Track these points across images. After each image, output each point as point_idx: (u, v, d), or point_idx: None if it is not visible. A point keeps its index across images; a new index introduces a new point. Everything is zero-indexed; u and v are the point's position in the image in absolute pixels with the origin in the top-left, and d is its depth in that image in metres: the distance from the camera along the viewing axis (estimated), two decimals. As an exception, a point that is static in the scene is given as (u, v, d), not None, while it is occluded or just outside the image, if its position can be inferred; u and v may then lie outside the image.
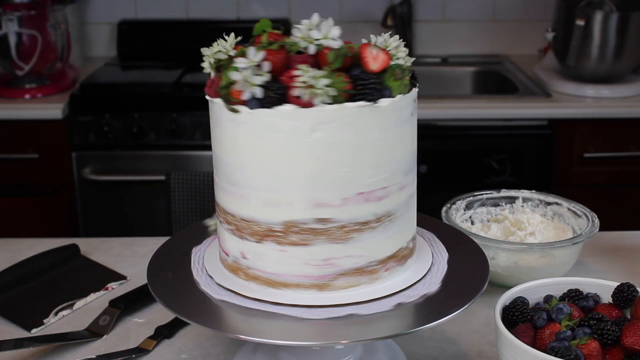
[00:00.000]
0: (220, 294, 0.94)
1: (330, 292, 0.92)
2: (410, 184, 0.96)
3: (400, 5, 2.90)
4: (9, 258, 1.36)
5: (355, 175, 0.88)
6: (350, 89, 0.86)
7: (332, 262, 0.91)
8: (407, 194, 0.95)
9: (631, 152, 2.43)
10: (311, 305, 0.90)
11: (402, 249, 0.96)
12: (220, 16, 2.98)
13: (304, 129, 0.86)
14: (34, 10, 2.50)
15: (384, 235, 0.93)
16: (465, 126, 2.43)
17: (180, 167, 2.46)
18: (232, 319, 0.90)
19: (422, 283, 0.96)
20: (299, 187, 0.88)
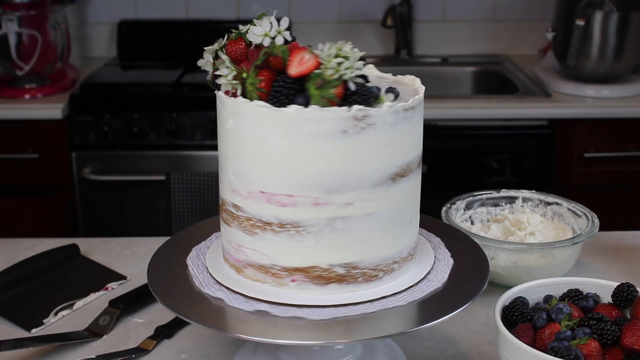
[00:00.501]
0: (220, 294, 0.94)
1: (330, 292, 0.92)
2: (339, 208, 0.89)
3: (400, 5, 2.90)
4: (9, 258, 1.36)
5: (257, 172, 0.90)
6: (264, 88, 0.87)
7: (242, 250, 0.95)
8: (329, 214, 0.89)
9: (631, 152, 2.43)
10: (311, 305, 0.90)
11: (318, 268, 0.91)
12: (220, 16, 2.98)
13: (224, 117, 0.93)
14: (34, 10, 2.50)
15: (290, 244, 0.91)
16: (465, 126, 2.43)
17: (180, 167, 2.46)
18: (232, 319, 0.90)
19: (423, 283, 0.96)
20: (224, 170, 0.96)
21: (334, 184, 0.88)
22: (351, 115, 0.86)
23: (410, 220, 0.97)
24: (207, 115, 2.42)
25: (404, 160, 0.92)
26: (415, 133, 0.94)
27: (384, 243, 0.93)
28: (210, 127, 2.43)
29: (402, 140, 0.91)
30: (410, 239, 0.98)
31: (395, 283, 0.95)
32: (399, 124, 0.90)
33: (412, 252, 0.98)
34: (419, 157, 0.96)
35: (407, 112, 0.90)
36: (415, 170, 0.95)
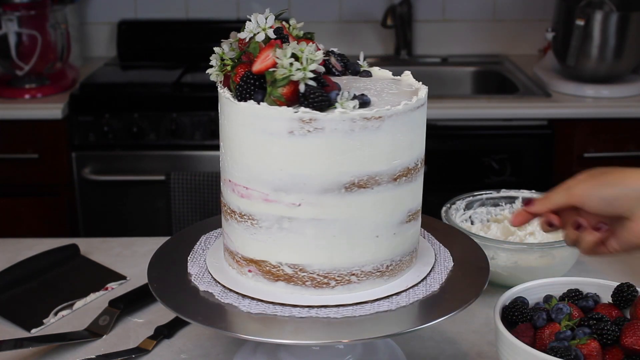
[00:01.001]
0: (221, 294, 0.94)
1: (330, 292, 0.92)
2: (287, 207, 0.89)
3: (400, 5, 2.90)
4: (9, 258, 1.36)
5: (226, 161, 0.94)
6: (236, 82, 0.90)
7: (224, 234, 1.00)
8: (277, 212, 0.90)
9: (631, 152, 2.43)
10: (311, 306, 0.90)
11: (268, 264, 0.92)
12: (220, 16, 2.97)
13: None
14: (34, 10, 2.49)
15: (247, 235, 0.93)
16: (465, 126, 2.43)
17: (180, 167, 2.46)
18: (232, 319, 0.90)
19: (423, 283, 0.96)
20: None
21: (281, 182, 0.89)
22: (297, 117, 0.85)
23: (377, 235, 0.92)
24: (207, 115, 2.42)
25: (363, 170, 0.88)
26: (385, 144, 0.88)
27: (335, 252, 0.91)
28: (210, 127, 2.43)
29: (362, 150, 0.87)
30: (377, 254, 0.93)
31: (396, 283, 0.95)
32: (357, 132, 0.86)
33: (382, 268, 0.94)
34: (394, 170, 0.90)
35: (368, 121, 0.86)
36: (387, 184, 0.90)
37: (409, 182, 0.93)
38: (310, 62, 0.85)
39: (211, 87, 0.98)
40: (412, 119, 0.91)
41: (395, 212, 0.93)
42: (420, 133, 0.94)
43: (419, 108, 0.92)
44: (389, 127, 0.88)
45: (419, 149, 0.94)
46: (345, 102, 0.86)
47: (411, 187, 0.94)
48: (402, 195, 0.93)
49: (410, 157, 0.92)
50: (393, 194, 0.91)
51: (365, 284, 0.93)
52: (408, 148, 0.92)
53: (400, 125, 0.89)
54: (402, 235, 0.95)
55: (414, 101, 0.90)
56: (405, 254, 0.97)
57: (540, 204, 0.96)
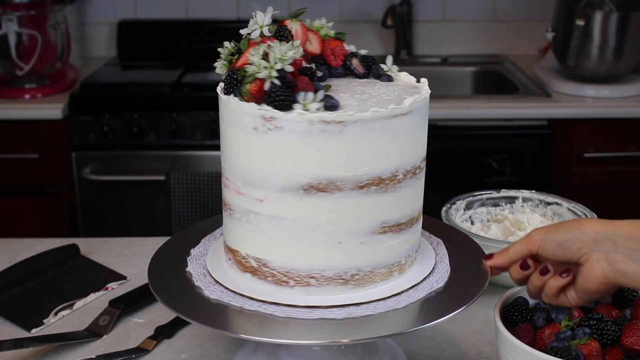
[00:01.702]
0: (221, 294, 0.94)
1: (247, 281, 0.93)
2: (253, 202, 0.91)
3: (400, 5, 2.90)
4: (9, 258, 1.36)
5: (222, 150, 0.97)
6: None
7: None
8: (245, 205, 0.91)
9: (631, 152, 2.43)
10: (312, 306, 0.90)
11: (239, 254, 0.94)
12: (220, 16, 2.97)
13: None
14: (34, 10, 2.50)
15: (227, 223, 0.97)
16: (465, 126, 2.43)
17: (180, 167, 2.46)
18: (232, 319, 0.90)
19: (423, 283, 0.96)
20: None
21: (248, 177, 0.91)
22: (260, 114, 0.87)
23: (340, 241, 0.90)
24: (207, 115, 2.42)
25: (323, 175, 0.87)
26: (348, 150, 0.86)
27: (294, 252, 0.91)
28: (210, 127, 2.43)
29: (321, 153, 0.86)
30: (339, 261, 0.91)
31: (396, 283, 0.95)
32: (316, 135, 0.85)
33: (345, 276, 0.92)
34: (359, 178, 0.88)
35: (327, 125, 0.85)
36: (350, 190, 0.88)
37: (382, 192, 0.90)
38: (278, 62, 0.86)
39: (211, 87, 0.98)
40: (385, 127, 0.87)
41: (361, 220, 0.90)
42: (402, 143, 0.90)
43: (398, 117, 0.88)
44: (353, 133, 0.86)
45: (399, 159, 0.90)
46: (309, 103, 0.86)
47: (387, 198, 0.91)
48: (372, 204, 0.90)
49: (384, 167, 0.89)
50: (359, 201, 0.89)
51: (326, 289, 0.92)
52: (381, 157, 0.88)
53: (368, 132, 0.87)
54: (373, 246, 0.92)
55: (388, 109, 0.87)
56: (380, 265, 0.93)
57: (501, 256, 0.95)
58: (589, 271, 0.87)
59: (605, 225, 0.87)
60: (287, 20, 0.98)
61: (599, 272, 0.86)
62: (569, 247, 0.88)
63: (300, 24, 0.98)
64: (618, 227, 0.87)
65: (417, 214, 0.98)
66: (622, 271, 0.85)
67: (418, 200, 0.97)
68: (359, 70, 1.00)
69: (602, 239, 0.86)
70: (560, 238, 0.89)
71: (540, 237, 0.91)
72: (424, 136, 0.96)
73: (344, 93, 0.94)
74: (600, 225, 0.87)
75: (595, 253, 0.86)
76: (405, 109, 0.89)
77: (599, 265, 0.86)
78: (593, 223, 0.88)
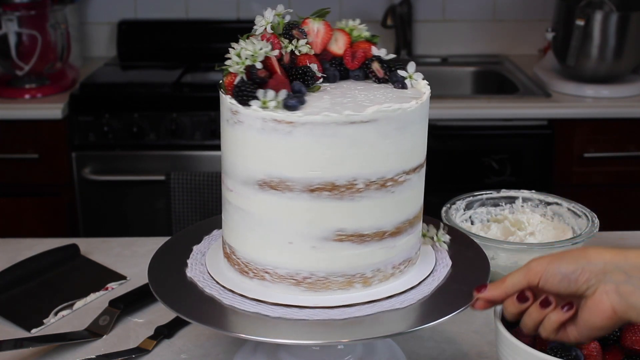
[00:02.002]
0: (221, 294, 0.94)
1: (330, 292, 0.92)
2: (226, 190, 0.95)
3: (400, 5, 2.90)
4: (9, 258, 1.36)
5: None
6: None
7: None
8: (224, 193, 0.96)
9: (631, 152, 2.43)
10: (312, 306, 0.90)
11: (226, 242, 0.98)
12: (220, 16, 2.97)
13: None
14: (34, 10, 2.50)
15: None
16: (465, 126, 2.43)
17: (180, 167, 2.46)
18: (232, 319, 0.90)
19: (424, 283, 0.96)
20: None
21: (225, 166, 0.95)
22: (228, 106, 0.90)
23: (290, 242, 0.90)
24: (207, 115, 2.42)
25: (273, 172, 0.88)
26: (296, 152, 0.86)
27: (251, 245, 0.93)
28: (210, 127, 2.43)
29: (272, 151, 0.87)
30: (290, 261, 0.91)
31: (396, 284, 0.95)
32: (268, 133, 0.86)
33: (296, 277, 0.91)
34: (309, 181, 0.87)
35: (278, 124, 0.86)
36: (301, 192, 0.87)
37: (338, 200, 0.88)
38: (250, 58, 0.90)
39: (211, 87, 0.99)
40: (339, 133, 0.86)
41: (313, 225, 0.89)
42: (362, 152, 0.87)
43: (357, 124, 0.86)
44: (303, 135, 0.86)
45: (358, 168, 0.88)
46: (269, 101, 0.87)
47: (343, 206, 0.88)
48: (324, 210, 0.88)
49: (337, 174, 0.87)
50: (309, 205, 0.88)
51: (277, 287, 0.92)
52: (334, 163, 0.87)
53: (318, 136, 0.86)
54: (327, 252, 0.90)
55: (342, 115, 0.85)
56: (336, 274, 0.91)
57: (496, 288, 0.86)
58: (595, 305, 0.79)
59: (615, 254, 0.80)
60: (308, 19, 0.98)
61: (607, 306, 0.78)
62: (575, 279, 0.80)
63: (324, 23, 0.98)
64: (630, 257, 0.79)
65: (392, 227, 0.92)
66: (634, 305, 0.77)
67: (392, 213, 0.92)
68: (378, 75, 0.98)
69: (613, 269, 0.79)
70: (565, 269, 0.81)
71: (542, 268, 0.83)
72: (400, 148, 0.90)
73: (332, 96, 0.92)
74: (610, 254, 0.80)
75: (604, 285, 0.79)
76: (365, 117, 0.86)
77: (608, 298, 0.78)
78: (601, 252, 0.81)
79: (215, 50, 0.99)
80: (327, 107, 0.87)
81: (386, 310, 0.90)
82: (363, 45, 1.00)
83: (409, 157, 0.92)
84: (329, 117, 0.85)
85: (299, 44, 0.96)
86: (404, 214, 0.93)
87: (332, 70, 0.98)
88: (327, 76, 0.98)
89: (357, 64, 0.99)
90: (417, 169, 0.93)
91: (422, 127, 0.94)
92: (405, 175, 0.92)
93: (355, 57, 0.99)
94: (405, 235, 0.95)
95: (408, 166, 0.92)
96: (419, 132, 0.93)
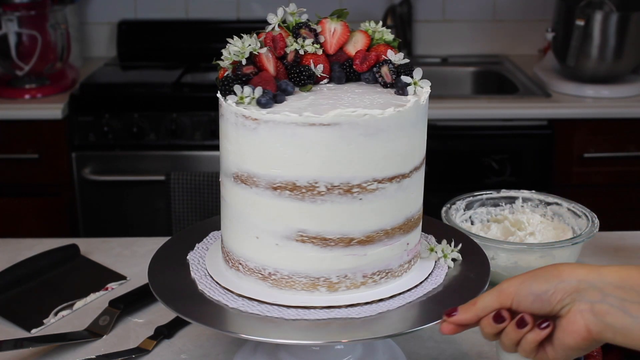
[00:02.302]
0: (221, 294, 0.94)
1: (330, 292, 0.92)
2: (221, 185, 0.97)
3: (400, 5, 2.90)
4: (9, 258, 1.36)
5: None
6: None
7: None
8: None
9: (631, 152, 2.43)
10: (312, 306, 0.90)
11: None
12: (220, 16, 2.97)
13: None
14: (34, 10, 2.50)
15: None
16: (465, 126, 2.43)
17: (180, 167, 2.46)
18: (232, 319, 0.90)
19: (424, 283, 0.96)
20: None
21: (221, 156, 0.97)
22: (221, 101, 0.93)
23: (257, 236, 0.92)
24: (207, 115, 2.42)
25: (242, 167, 0.91)
26: (259, 149, 0.88)
27: (228, 235, 0.97)
28: (210, 127, 2.43)
29: (241, 145, 0.90)
30: (257, 255, 0.93)
31: (396, 284, 0.95)
32: (238, 128, 0.89)
33: (263, 271, 0.93)
34: (272, 179, 0.88)
35: (245, 120, 0.88)
36: (264, 189, 0.89)
37: (299, 200, 0.88)
38: (236, 56, 0.93)
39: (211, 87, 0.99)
40: (298, 133, 0.86)
41: (274, 222, 0.90)
42: (321, 155, 0.87)
43: (316, 126, 0.86)
44: (266, 132, 0.87)
45: (318, 170, 0.87)
46: (245, 97, 0.89)
47: (304, 207, 0.88)
48: (285, 209, 0.89)
49: (297, 174, 0.87)
50: (272, 202, 0.89)
51: (248, 280, 0.95)
52: (295, 163, 0.87)
53: (279, 135, 0.87)
54: (289, 251, 0.91)
55: (302, 115, 0.85)
56: (299, 274, 0.91)
57: (466, 311, 0.82)
58: (569, 325, 0.75)
59: (589, 271, 0.76)
60: (326, 19, 0.98)
61: (581, 326, 0.75)
62: (548, 300, 0.76)
63: (342, 24, 0.98)
64: (605, 274, 0.75)
65: (361, 235, 0.91)
66: (610, 325, 0.73)
67: (360, 221, 0.90)
68: (386, 79, 0.97)
69: (587, 287, 0.75)
70: (537, 289, 0.77)
71: (514, 289, 0.79)
72: (368, 155, 0.88)
73: (318, 97, 0.93)
74: (583, 271, 0.76)
75: (578, 304, 0.75)
76: (325, 120, 0.85)
77: (582, 318, 0.74)
78: (574, 269, 0.77)
79: (215, 50, 0.98)
80: (302, 108, 0.88)
81: (386, 310, 0.90)
82: (380, 49, 1.00)
83: (381, 165, 0.89)
84: (289, 117, 0.86)
85: (305, 43, 0.96)
86: (375, 224, 0.91)
87: (338, 71, 0.98)
88: (333, 77, 0.98)
89: (366, 67, 0.98)
90: (395, 178, 0.91)
91: (402, 135, 0.90)
92: (378, 184, 0.89)
93: (365, 60, 0.98)
94: (380, 245, 0.92)
95: (380, 174, 0.89)
96: (398, 141, 0.90)
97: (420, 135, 0.94)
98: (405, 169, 0.92)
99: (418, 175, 0.94)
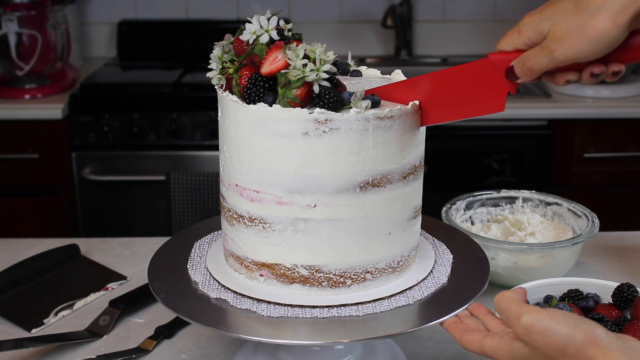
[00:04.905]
0: (221, 294, 0.94)
1: (295, 291, 0.92)
2: (302, 209, 0.89)
3: (400, 5, 2.90)
4: (9, 258, 1.36)
5: (233, 165, 0.93)
6: (242, 84, 0.89)
7: (226, 239, 0.98)
8: (291, 214, 0.89)
9: (631, 152, 2.43)
10: (312, 306, 0.90)
11: (283, 266, 0.92)
12: (220, 16, 2.98)
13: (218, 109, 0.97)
14: (34, 10, 2.50)
15: (258, 239, 0.92)
16: (465, 126, 2.43)
17: (180, 167, 2.46)
18: (232, 319, 0.90)
19: (423, 283, 0.96)
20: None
21: (295, 185, 0.88)
22: (313, 117, 0.85)
23: (389, 232, 0.93)
24: (207, 115, 2.42)
25: (377, 169, 0.89)
26: (396, 143, 0.89)
27: (351, 251, 0.91)
28: (210, 127, 2.43)
29: (376, 149, 0.88)
30: (389, 250, 0.94)
31: (396, 284, 0.95)
32: (371, 132, 0.87)
33: (393, 264, 0.94)
34: (404, 168, 0.91)
35: (381, 121, 0.87)
36: (398, 182, 0.91)
37: (415, 180, 0.94)
38: (323, 63, 0.85)
39: (211, 87, 0.98)
40: (417, 118, 0.92)
41: (405, 209, 0.94)
42: (422, 131, 0.95)
43: None
44: (399, 126, 0.89)
45: (422, 147, 0.95)
46: (358, 102, 0.86)
47: (417, 185, 0.95)
48: (410, 192, 0.94)
49: (416, 156, 0.93)
50: (403, 191, 0.93)
51: (379, 281, 0.94)
52: (414, 146, 0.93)
53: (409, 124, 0.90)
54: (410, 231, 0.96)
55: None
56: (412, 248, 0.98)
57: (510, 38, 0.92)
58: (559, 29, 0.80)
59: None
60: None
61: None
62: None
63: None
64: None
65: None
66: None
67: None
68: None
69: None
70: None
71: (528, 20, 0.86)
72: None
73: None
74: None
75: None
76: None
77: None
78: None
79: (216, 51, 0.98)
80: None
81: (386, 310, 0.90)
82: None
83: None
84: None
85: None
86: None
87: None
88: None
89: None
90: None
91: None
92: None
93: None
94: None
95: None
96: None
97: None
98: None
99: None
